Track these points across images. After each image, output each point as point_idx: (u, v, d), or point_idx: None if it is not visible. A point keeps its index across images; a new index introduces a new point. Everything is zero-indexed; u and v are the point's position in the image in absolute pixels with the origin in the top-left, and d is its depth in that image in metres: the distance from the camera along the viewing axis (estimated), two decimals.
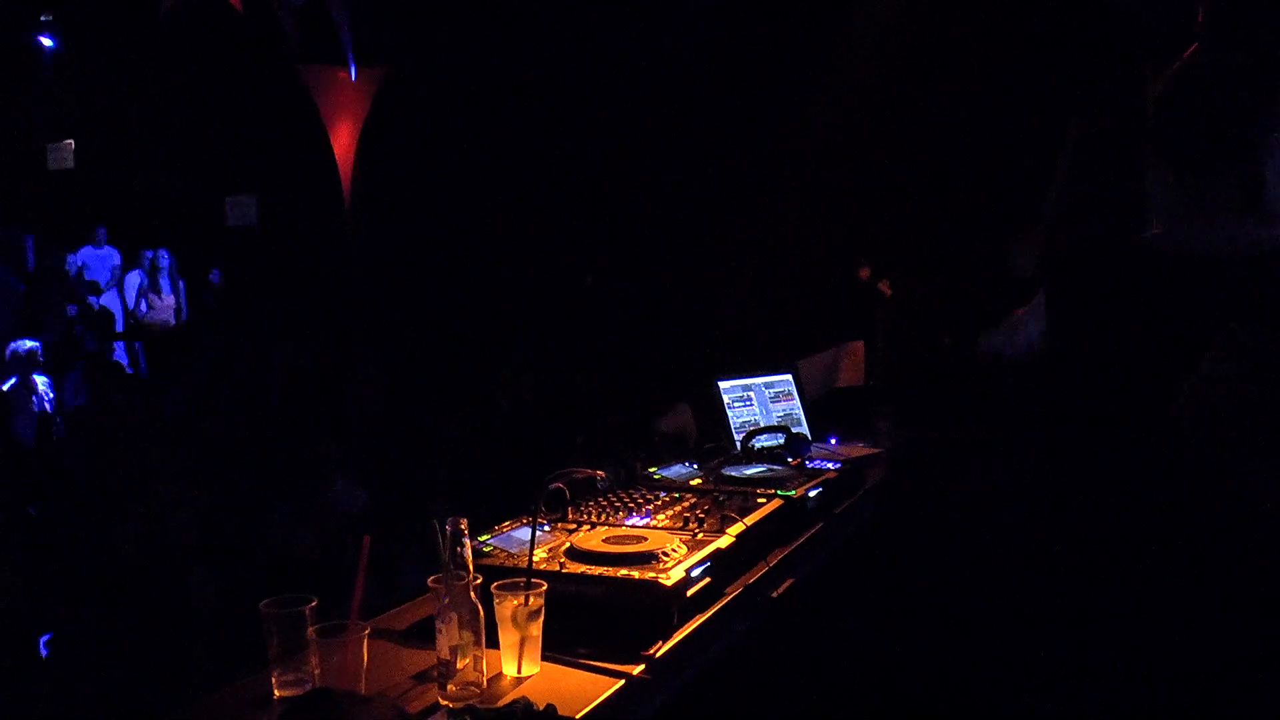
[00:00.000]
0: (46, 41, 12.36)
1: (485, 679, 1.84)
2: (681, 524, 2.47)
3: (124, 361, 9.94)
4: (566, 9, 10.35)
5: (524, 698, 1.74)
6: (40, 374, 7.87)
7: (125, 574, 4.78)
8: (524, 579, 1.94)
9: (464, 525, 1.86)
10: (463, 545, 1.86)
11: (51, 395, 7.87)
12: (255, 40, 11.08)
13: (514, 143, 10.87)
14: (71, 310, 10.67)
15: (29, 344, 7.86)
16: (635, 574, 2.07)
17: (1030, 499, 2.91)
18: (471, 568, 1.87)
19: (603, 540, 2.25)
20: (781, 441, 3.38)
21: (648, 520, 2.51)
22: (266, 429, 7.10)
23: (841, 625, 3.14)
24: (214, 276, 11.67)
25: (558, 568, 2.13)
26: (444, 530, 1.86)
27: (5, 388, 7.52)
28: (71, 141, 11.83)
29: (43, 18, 12.09)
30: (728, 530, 2.40)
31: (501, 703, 1.77)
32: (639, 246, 10.34)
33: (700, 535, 2.37)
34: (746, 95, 9.53)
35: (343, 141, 11.59)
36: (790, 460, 3.25)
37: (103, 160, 12.39)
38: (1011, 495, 3.14)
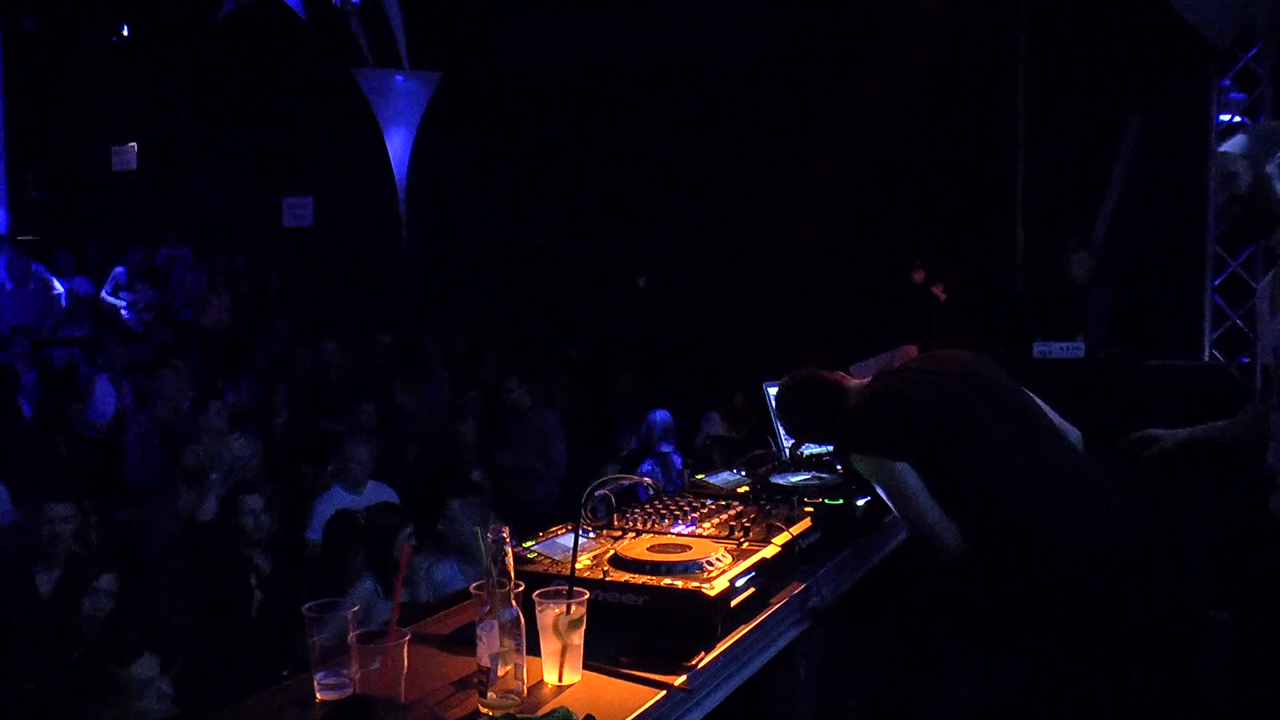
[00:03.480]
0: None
1: (525, 687, 1.83)
2: (727, 533, 2.44)
3: None
4: (622, 11, 10.36)
5: (563, 707, 1.73)
6: None
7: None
8: (566, 587, 1.93)
9: (506, 533, 1.86)
10: (504, 553, 1.85)
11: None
12: (312, 43, 11.22)
13: (568, 144, 10.90)
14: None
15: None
16: (679, 583, 2.05)
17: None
18: (513, 575, 1.86)
19: (647, 549, 2.23)
20: (830, 448, 3.33)
21: (693, 528, 2.49)
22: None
23: (889, 636, 3.10)
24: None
25: (601, 575, 2.12)
26: (486, 537, 1.85)
27: None
28: (135, 144, 12.04)
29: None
30: (773, 540, 2.37)
31: (541, 711, 1.76)
32: (693, 248, 10.32)
33: (745, 545, 2.34)
34: (803, 97, 9.48)
35: (398, 143, 11.69)
36: (839, 468, 3.21)
37: (164, 162, 12.63)
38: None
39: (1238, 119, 6.84)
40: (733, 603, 2.09)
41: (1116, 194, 7.64)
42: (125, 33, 12.64)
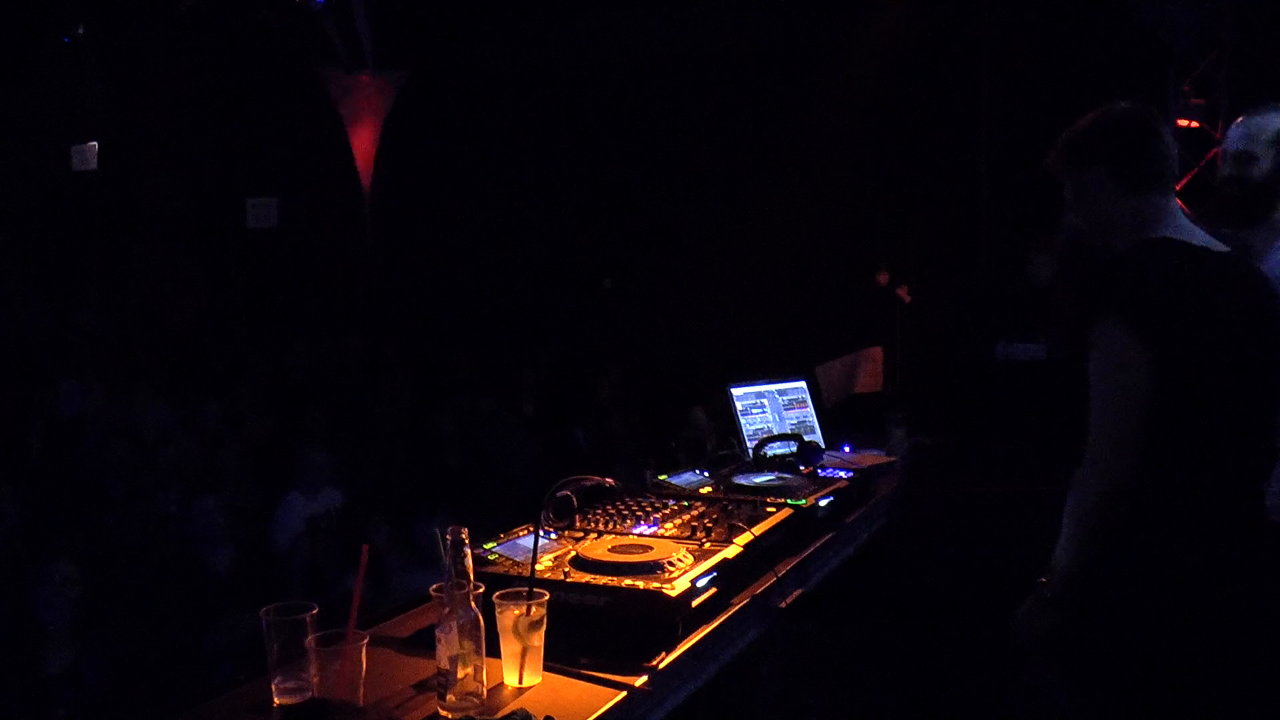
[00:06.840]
0: None
1: (485, 689, 1.82)
2: (689, 533, 2.44)
3: None
4: (586, 13, 10.35)
5: (522, 709, 1.73)
6: None
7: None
8: (526, 588, 1.92)
9: (464, 534, 1.85)
10: (463, 554, 1.84)
11: None
12: (276, 41, 11.13)
13: (534, 146, 10.88)
14: None
15: None
16: (639, 584, 2.05)
17: (1044, 505, 2.86)
18: (472, 576, 1.86)
19: (608, 549, 2.23)
20: (794, 449, 3.34)
21: (655, 529, 2.49)
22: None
23: (851, 636, 3.11)
24: None
25: (562, 576, 2.11)
26: (445, 538, 1.84)
27: None
28: (95, 144, 11.88)
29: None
30: (735, 540, 2.37)
31: (501, 714, 1.75)
32: (657, 251, 10.32)
33: (707, 545, 2.34)
34: (765, 100, 9.51)
35: (363, 143, 11.63)
36: (802, 468, 3.22)
37: (125, 163, 12.46)
38: (1025, 501, 3.09)
39: (1196, 125, 6.93)
40: (694, 603, 2.09)
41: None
42: (82, 31, 12.42)
